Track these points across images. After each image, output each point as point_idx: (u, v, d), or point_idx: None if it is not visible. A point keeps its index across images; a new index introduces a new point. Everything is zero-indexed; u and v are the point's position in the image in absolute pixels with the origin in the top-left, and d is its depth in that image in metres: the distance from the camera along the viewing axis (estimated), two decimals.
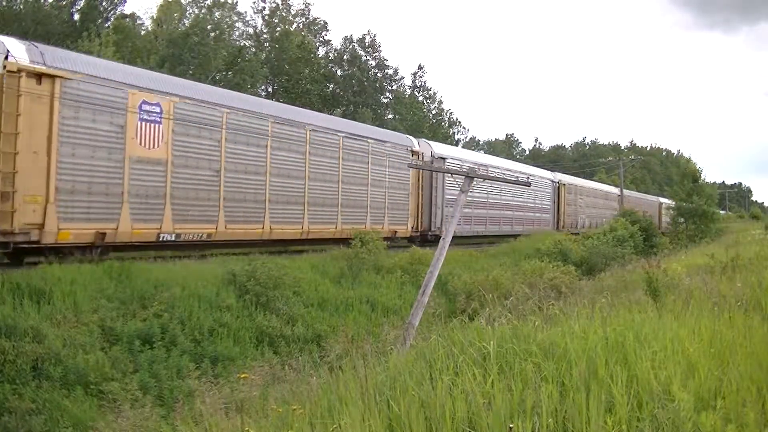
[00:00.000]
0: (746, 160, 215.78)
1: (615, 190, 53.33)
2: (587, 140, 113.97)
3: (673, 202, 56.45)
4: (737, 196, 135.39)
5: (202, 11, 45.60)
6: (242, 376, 6.70)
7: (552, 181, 38.84)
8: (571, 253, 22.92)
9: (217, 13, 45.95)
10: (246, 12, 60.65)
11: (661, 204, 60.97)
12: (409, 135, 29.05)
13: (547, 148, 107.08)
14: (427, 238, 25.27)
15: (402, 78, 60.36)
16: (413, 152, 24.90)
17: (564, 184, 40.71)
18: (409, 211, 24.64)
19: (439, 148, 27.90)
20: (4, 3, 34.20)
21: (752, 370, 4.68)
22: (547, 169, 44.61)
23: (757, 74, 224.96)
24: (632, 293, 9.52)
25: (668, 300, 8.08)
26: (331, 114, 36.85)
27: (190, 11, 46.06)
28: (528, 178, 31.24)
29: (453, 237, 23.94)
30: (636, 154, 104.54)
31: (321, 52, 55.65)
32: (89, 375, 8.96)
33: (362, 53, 56.12)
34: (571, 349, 4.94)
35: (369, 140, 22.32)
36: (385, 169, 23.07)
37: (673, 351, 5.11)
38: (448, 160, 26.50)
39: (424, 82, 64.85)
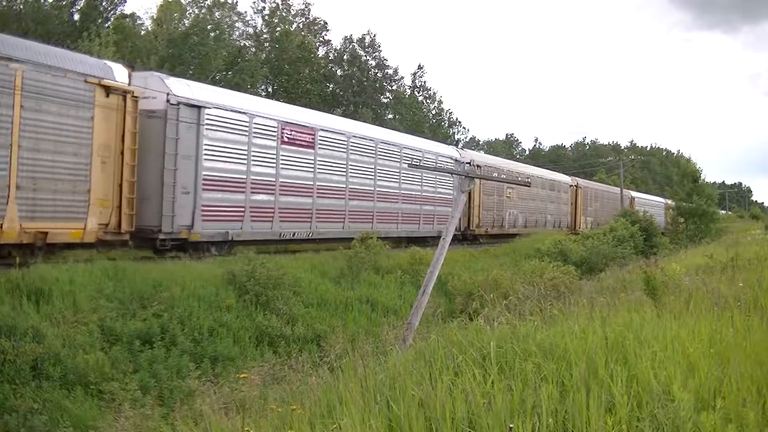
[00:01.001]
0: (746, 160, 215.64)
1: (567, 179, 42.08)
2: (587, 140, 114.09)
3: (648, 196, 54.31)
4: (737, 196, 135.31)
5: (202, 11, 45.67)
6: (242, 376, 6.71)
7: (458, 161, 27.32)
8: (571, 253, 22.91)
9: (217, 13, 46.05)
10: (246, 12, 60.67)
11: (633, 199, 51.71)
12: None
13: (547, 148, 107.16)
14: (158, 244, 14.81)
15: (402, 78, 60.48)
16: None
17: (480, 167, 29.07)
18: (93, 194, 13.13)
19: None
20: (4, 3, 34.21)
21: (752, 370, 4.68)
22: (455, 147, 31.91)
23: (758, 74, 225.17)
24: (632, 293, 9.52)
25: (668, 300, 8.08)
26: (332, 113, 35.55)
27: (190, 11, 46.14)
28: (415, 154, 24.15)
29: (230, 243, 16.28)
30: (636, 154, 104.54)
31: (321, 52, 55.73)
32: (89, 375, 8.96)
33: (362, 53, 56.16)
34: (570, 349, 4.95)
35: None
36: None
37: (673, 351, 5.11)
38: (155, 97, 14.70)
39: (424, 82, 64.95)
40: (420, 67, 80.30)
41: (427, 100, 64.59)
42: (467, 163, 27.79)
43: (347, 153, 20.45)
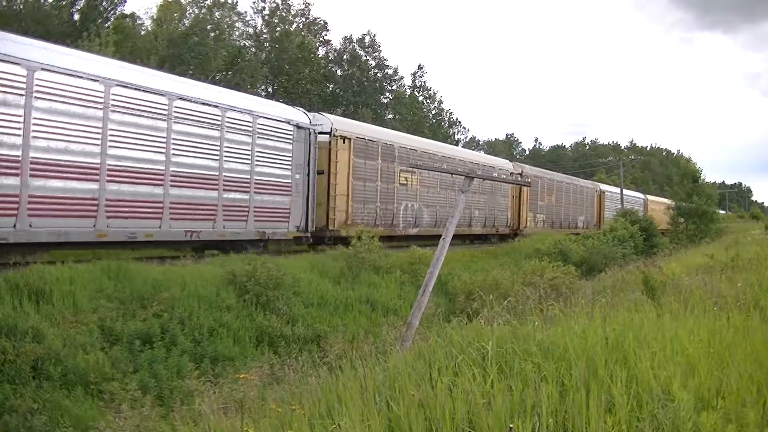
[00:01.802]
0: (746, 160, 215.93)
1: (507, 165, 32.91)
2: (587, 140, 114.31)
3: (616, 189, 49.32)
4: (737, 196, 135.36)
5: (202, 11, 45.68)
6: (241, 376, 6.70)
7: (289, 123, 17.85)
8: (571, 253, 22.93)
9: (217, 13, 46.07)
10: (246, 12, 60.74)
11: (602, 194, 44.70)
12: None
13: (547, 148, 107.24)
14: None
15: (402, 78, 60.53)
16: None
17: (349, 140, 19.83)
18: None
19: None
20: (4, 3, 34.21)
21: (752, 370, 4.68)
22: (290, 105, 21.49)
23: (757, 74, 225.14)
24: (632, 293, 9.52)
25: (668, 300, 8.08)
26: (332, 113, 33.92)
27: (190, 11, 46.17)
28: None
29: None
30: (636, 154, 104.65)
31: (321, 52, 55.77)
32: (89, 375, 8.96)
33: (362, 53, 56.23)
34: (570, 349, 4.94)
35: None
36: None
37: (673, 351, 5.11)
38: None
39: (424, 82, 65.11)
40: (420, 67, 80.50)
41: (427, 100, 64.68)
42: (325, 132, 19.18)
43: (28, 98, 11.72)
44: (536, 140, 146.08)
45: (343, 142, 20.05)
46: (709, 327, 5.91)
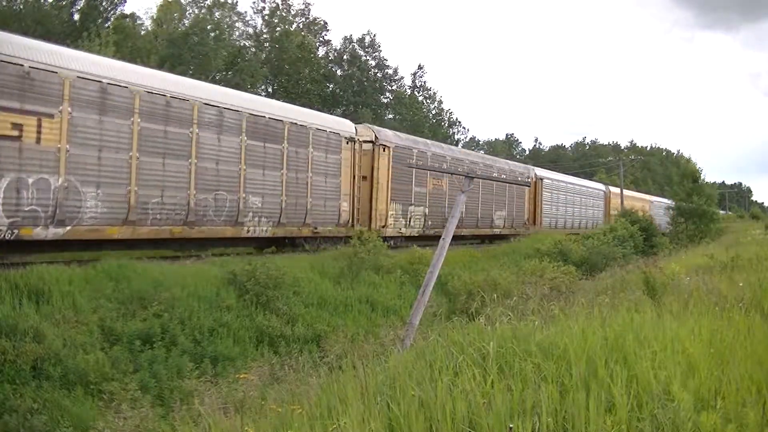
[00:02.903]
0: (746, 160, 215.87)
1: (343, 125, 20.74)
2: (587, 140, 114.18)
3: (573, 180, 44.13)
4: (737, 196, 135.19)
5: (202, 11, 45.68)
6: (241, 376, 6.71)
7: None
8: (571, 253, 22.93)
9: (217, 13, 46.05)
10: (246, 12, 60.78)
11: (539, 181, 32.95)
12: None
13: (547, 148, 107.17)
14: None
15: (402, 78, 60.52)
16: None
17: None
18: None
19: None
20: (4, 3, 34.23)
21: (752, 370, 4.68)
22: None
23: (758, 74, 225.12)
24: (632, 293, 9.52)
25: (668, 300, 8.08)
26: (331, 114, 31.06)
27: (190, 11, 46.18)
28: None
29: None
30: (636, 154, 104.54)
31: (321, 52, 55.77)
32: (89, 375, 8.96)
33: (362, 53, 56.25)
34: (570, 349, 4.94)
35: None
36: None
37: (673, 351, 5.11)
38: None
39: (424, 82, 65.07)
40: (420, 67, 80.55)
41: (427, 100, 64.65)
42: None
43: None
44: (536, 140, 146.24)
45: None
46: (709, 327, 5.91)
